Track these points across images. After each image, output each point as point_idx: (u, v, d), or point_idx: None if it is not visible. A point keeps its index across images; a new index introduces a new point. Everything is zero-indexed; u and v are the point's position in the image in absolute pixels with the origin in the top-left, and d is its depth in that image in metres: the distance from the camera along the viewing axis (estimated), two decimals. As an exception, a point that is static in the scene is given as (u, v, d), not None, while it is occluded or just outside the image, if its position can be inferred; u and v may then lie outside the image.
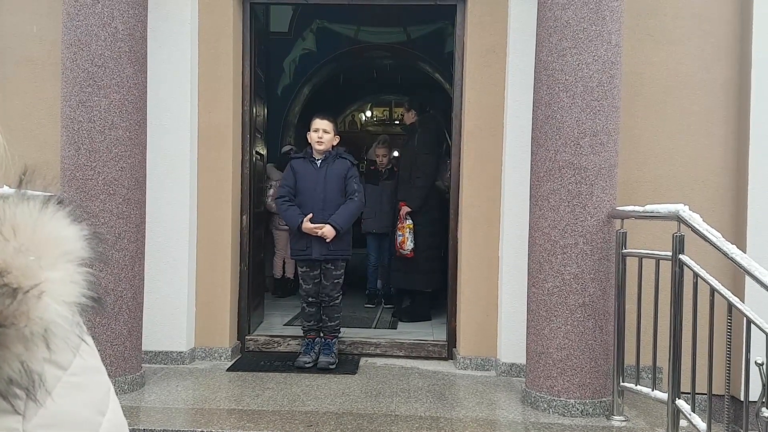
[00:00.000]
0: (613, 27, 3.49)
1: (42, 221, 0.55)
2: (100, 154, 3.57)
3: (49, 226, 0.55)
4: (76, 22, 3.58)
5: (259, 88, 5.05)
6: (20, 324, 0.50)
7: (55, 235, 0.55)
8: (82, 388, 0.57)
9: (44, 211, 0.56)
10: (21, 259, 0.51)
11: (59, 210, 0.57)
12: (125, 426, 0.63)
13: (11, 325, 0.49)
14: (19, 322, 0.50)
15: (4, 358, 0.49)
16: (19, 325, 0.50)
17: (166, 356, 4.32)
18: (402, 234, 5.53)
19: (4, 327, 0.49)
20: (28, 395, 0.50)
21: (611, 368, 3.50)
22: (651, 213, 3.28)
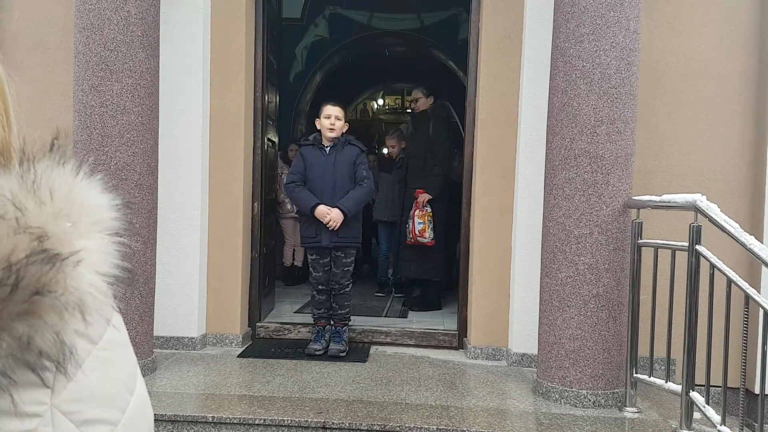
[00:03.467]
0: (631, 13, 3.43)
1: (77, 187, 0.53)
2: (112, 139, 3.56)
3: (83, 192, 0.53)
4: (89, 6, 3.56)
5: (271, 75, 5.02)
6: (57, 292, 0.47)
7: (88, 202, 0.53)
8: (111, 363, 0.55)
9: (79, 177, 0.54)
10: (59, 225, 0.49)
11: (91, 177, 0.55)
12: (150, 405, 0.61)
13: (48, 293, 0.47)
14: (56, 290, 0.47)
15: (36, 328, 0.46)
16: (57, 293, 0.47)
17: (177, 342, 4.33)
18: (423, 222, 5.44)
19: (39, 294, 0.46)
20: (58, 368, 0.48)
21: (624, 359, 3.47)
22: (668, 203, 3.23)
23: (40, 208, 0.49)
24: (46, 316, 0.47)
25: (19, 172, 0.51)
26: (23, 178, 0.50)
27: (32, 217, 0.48)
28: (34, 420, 0.48)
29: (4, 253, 0.46)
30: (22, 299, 0.46)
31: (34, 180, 0.50)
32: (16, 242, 0.46)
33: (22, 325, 0.46)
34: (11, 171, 0.51)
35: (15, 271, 0.45)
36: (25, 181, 0.50)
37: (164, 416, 3.17)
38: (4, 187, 0.49)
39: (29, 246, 0.47)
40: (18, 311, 0.45)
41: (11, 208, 0.48)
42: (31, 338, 0.46)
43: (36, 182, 0.50)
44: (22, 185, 0.50)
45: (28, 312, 0.46)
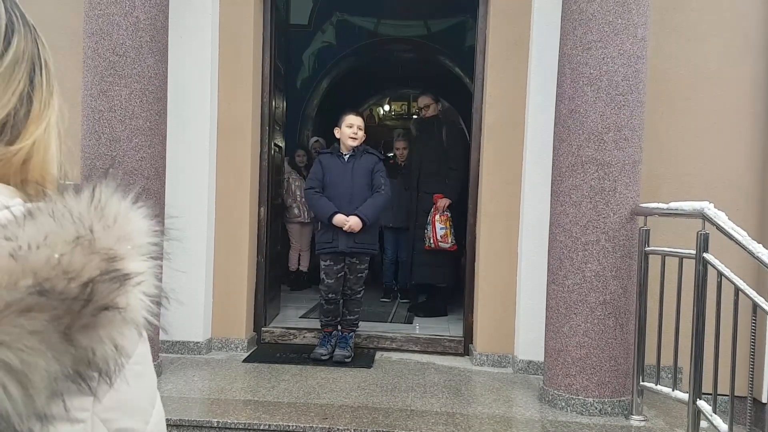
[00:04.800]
0: (639, 20, 3.43)
1: (131, 213, 0.58)
2: (121, 144, 3.58)
3: (135, 218, 0.58)
4: (98, 12, 3.58)
5: (278, 81, 5.04)
6: (120, 308, 0.52)
7: (139, 228, 0.57)
8: (142, 376, 0.60)
9: (131, 202, 0.59)
10: (122, 247, 0.54)
11: (140, 205, 0.60)
12: (164, 420, 0.66)
13: (114, 308, 0.51)
14: (121, 305, 0.52)
15: (99, 339, 0.51)
16: (122, 309, 0.52)
17: (183, 346, 4.33)
18: (444, 227, 5.42)
19: (108, 309, 0.51)
20: (102, 377, 0.52)
21: (631, 367, 3.45)
22: (675, 210, 3.22)
23: (107, 232, 0.54)
24: (109, 329, 0.51)
25: (90, 197, 0.56)
26: (93, 202, 0.55)
27: (101, 239, 0.53)
28: (79, 425, 0.54)
29: (82, 270, 0.50)
30: (90, 313, 0.50)
31: (100, 205, 0.55)
32: (91, 261, 0.51)
33: (86, 336, 0.50)
34: (81, 196, 0.56)
35: (90, 287, 0.50)
36: (93, 205, 0.55)
37: (169, 421, 3.17)
38: (75, 210, 0.54)
39: (100, 265, 0.51)
40: (85, 323, 0.50)
41: (85, 231, 0.52)
42: (95, 348, 0.51)
43: (102, 207, 0.55)
44: (89, 209, 0.55)
45: (92, 324, 0.50)
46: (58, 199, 0.54)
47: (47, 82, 0.68)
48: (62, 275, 0.49)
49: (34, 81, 0.66)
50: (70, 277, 0.49)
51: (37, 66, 0.66)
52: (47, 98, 0.67)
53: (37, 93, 0.66)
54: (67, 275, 0.49)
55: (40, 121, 0.66)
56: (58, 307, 0.48)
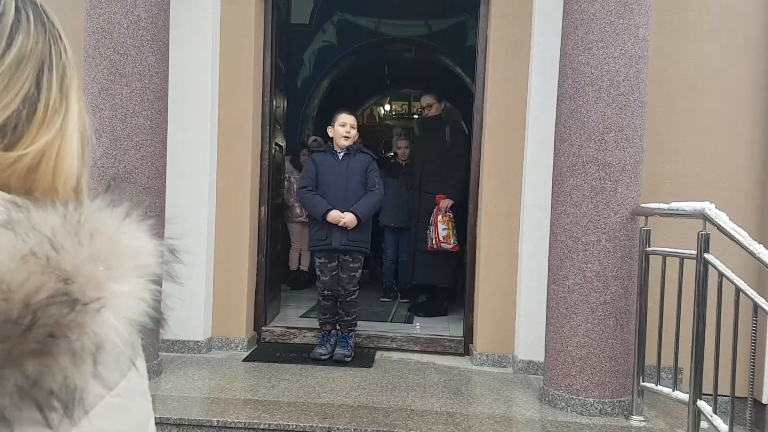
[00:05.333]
0: (640, 20, 3.42)
1: (122, 231, 0.53)
2: (121, 143, 3.57)
3: (128, 236, 0.53)
4: (99, 10, 3.58)
5: (279, 80, 5.04)
6: (72, 336, 0.47)
7: (133, 246, 0.53)
8: (123, 411, 0.54)
9: (126, 220, 0.54)
10: (90, 268, 0.49)
11: (142, 221, 0.55)
12: None
13: (63, 336, 0.47)
14: (72, 334, 0.47)
15: (48, 368, 0.46)
16: (71, 337, 0.47)
17: (183, 345, 4.33)
18: (447, 228, 5.40)
19: (55, 337, 0.46)
20: (65, 411, 0.48)
21: (631, 367, 3.45)
22: (676, 211, 3.22)
23: (77, 250, 0.49)
24: (59, 358, 0.47)
25: (65, 211, 0.51)
26: (67, 217, 0.51)
27: (67, 257, 0.48)
28: None
29: (27, 291, 0.46)
30: (35, 339, 0.45)
31: (78, 220, 0.51)
32: (42, 282, 0.46)
33: (34, 363, 0.46)
34: (57, 209, 0.51)
35: (32, 312, 0.45)
36: (68, 221, 0.50)
37: (169, 420, 3.17)
38: (46, 224, 0.49)
39: (53, 287, 0.47)
40: (30, 350, 0.45)
41: (47, 247, 0.48)
42: (41, 377, 0.46)
43: (80, 222, 0.51)
44: (65, 224, 0.50)
45: (41, 352, 0.46)
46: (33, 212, 0.50)
47: (59, 84, 0.63)
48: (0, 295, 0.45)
49: (41, 82, 0.61)
50: (9, 297, 0.45)
51: (46, 66, 0.62)
52: (57, 102, 0.62)
53: (43, 95, 0.61)
54: (5, 295, 0.45)
55: (48, 126, 0.61)
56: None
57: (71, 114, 0.64)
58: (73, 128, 0.64)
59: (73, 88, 0.65)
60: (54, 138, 0.61)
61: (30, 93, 0.60)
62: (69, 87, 0.64)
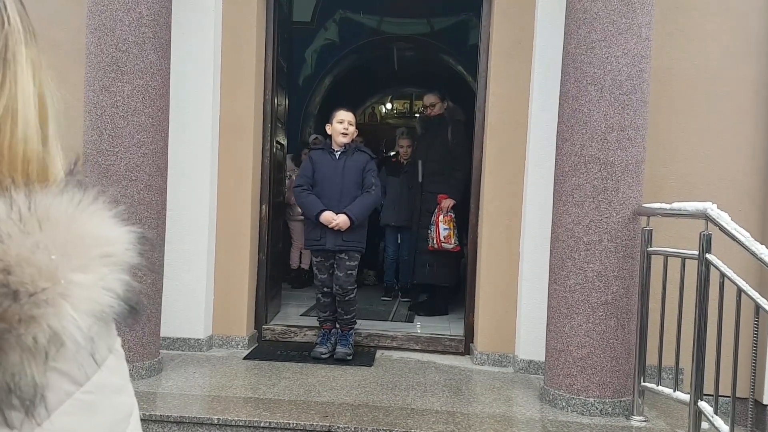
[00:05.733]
0: (643, 20, 3.42)
1: (80, 218, 0.49)
2: (123, 140, 3.57)
3: (88, 224, 0.50)
4: (101, 7, 3.58)
5: (281, 78, 5.03)
6: (20, 330, 0.44)
7: (93, 234, 0.49)
8: (95, 408, 0.51)
9: (85, 206, 0.50)
10: (40, 257, 0.46)
11: (105, 207, 0.52)
12: None
13: (9, 330, 0.44)
14: (20, 327, 0.44)
15: (1, 365, 0.44)
16: (19, 330, 0.44)
17: (183, 343, 4.33)
18: (448, 228, 5.39)
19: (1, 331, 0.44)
20: (26, 410, 0.45)
21: (632, 368, 3.45)
22: (678, 211, 3.22)
23: (22, 239, 0.46)
24: (10, 354, 0.44)
25: (10, 198, 0.48)
26: (13, 205, 0.47)
27: (12, 246, 0.45)
28: None
29: None
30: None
31: (29, 207, 0.47)
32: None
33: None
34: (4, 196, 0.48)
35: None
36: (14, 209, 0.47)
37: (170, 417, 3.17)
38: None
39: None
40: None
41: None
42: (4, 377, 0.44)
43: (30, 210, 0.47)
44: (11, 212, 0.47)
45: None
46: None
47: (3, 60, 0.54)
48: None
49: None
50: None
51: None
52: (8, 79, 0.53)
53: None
54: None
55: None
56: None
57: (19, 89, 0.54)
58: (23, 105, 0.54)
59: (18, 61, 0.55)
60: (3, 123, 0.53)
61: None
62: (11, 59, 0.55)
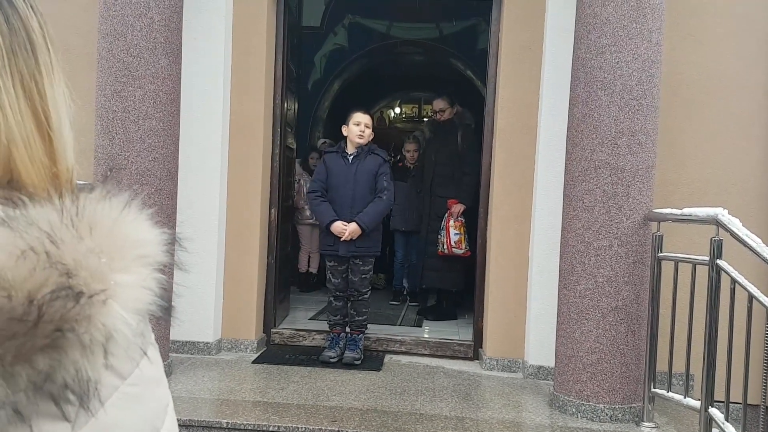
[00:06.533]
0: (654, 25, 3.41)
1: (122, 222, 0.52)
2: (134, 144, 3.59)
3: (128, 227, 0.53)
4: (113, 12, 3.60)
5: (290, 83, 5.05)
6: (80, 329, 0.47)
7: (133, 237, 0.52)
8: (138, 399, 0.54)
9: (125, 211, 0.53)
10: (92, 261, 0.49)
11: (141, 211, 0.55)
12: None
13: (71, 330, 0.46)
14: (80, 327, 0.47)
15: (60, 362, 0.46)
16: (79, 330, 0.47)
17: (193, 346, 4.34)
18: (458, 233, 5.37)
19: (62, 331, 0.46)
20: (81, 403, 0.48)
21: (642, 374, 3.43)
22: (689, 216, 3.20)
23: (76, 243, 0.49)
24: (69, 352, 0.47)
25: (62, 205, 0.50)
26: (64, 211, 0.50)
27: (67, 251, 0.48)
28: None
29: (29, 287, 0.45)
30: (43, 335, 0.45)
31: (77, 214, 0.50)
32: (44, 277, 0.46)
33: (44, 358, 0.46)
34: (54, 203, 0.50)
35: (37, 307, 0.45)
36: (65, 215, 0.50)
37: (179, 421, 3.18)
38: (43, 219, 0.48)
39: (56, 281, 0.46)
40: (40, 345, 0.45)
41: (46, 242, 0.47)
42: (52, 371, 0.46)
43: (78, 216, 0.50)
44: (63, 219, 0.49)
45: (51, 346, 0.46)
46: (29, 206, 0.49)
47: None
48: (1, 292, 0.44)
49: None
50: (11, 294, 0.44)
51: None
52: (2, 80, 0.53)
53: None
54: (6, 292, 0.44)
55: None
56: (3, 328, 0.44)
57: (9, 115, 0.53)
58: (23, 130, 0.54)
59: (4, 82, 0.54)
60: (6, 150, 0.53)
61: None
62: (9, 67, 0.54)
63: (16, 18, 0.55)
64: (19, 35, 0.55)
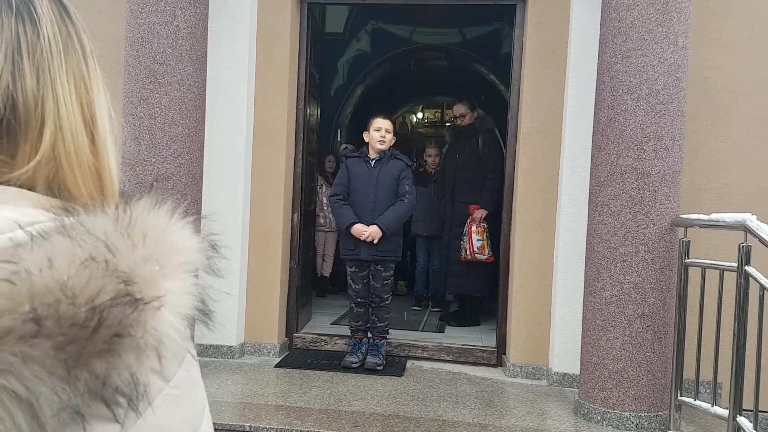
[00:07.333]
0: (680, 29, 3.37)
1: (170, 230, 0.55)
2: (160, 150, 3.64)
3: (175, 235, 0.55)
4: (139, 20, 3.66)
5: (313, 88, 5.08)
6: (136, 334, 0.49)
7: (179, 244, 0.54)
8: (181, 401, 0.56)
9: (172, 220, 0.56)
10: (147, 268, 0.50)
11: (184, 220, 0.57)
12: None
13: (128, 335, 0.48)
14: (136, 332, 0.49)
15: (114, 366, 0.48)
16: (136, 335, 0.49)
17: (216, 350, 4.37)
18: (481, 238, 5.35)
19: (120, 336, 0.48)
20: (130, 405, 0.49)
21: (669, 382, 3.38)
22: (716, 222, 3.15)
23: (131, 251, 0.50)
24: (124, 356, 0.48)
25: (115, 214, 0.52)
26: (118, 220, 0.52)
27: (122, 259, 0.50)
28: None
29: (90, 294, 0.47)
30: (102, 340, 0.47)
31: (129, 223, 0.52)
32: (103, 284, 0.48)
33: (101, 363, 0.47)
34: (107, 212, 0.52)
35: (98, 313, 0.47)
36: (119, 224, 0.52)
37: (203, 424, 3.20)
38: (99, 228, 0.50)
39: (115, 288, 0.48)
40: (98, 350, 0.47)
41: (103, 250, 0.49)
42: (108, 376, 0.48)
43: (131, 225, 0.52)
44: (117, 227, 0.51)
45: (109, 351, 0.48)
46: (84, 216, 0.51)
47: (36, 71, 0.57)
48: (65, 300, 0.46)
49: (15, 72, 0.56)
50: (74, 302, 0.46)
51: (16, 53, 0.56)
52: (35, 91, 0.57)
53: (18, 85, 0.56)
54: (71, 300, 0.46)
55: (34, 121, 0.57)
56: (66, 334, 0.45)
57: (61, 105, 0.58)
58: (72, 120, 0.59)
59: (58, 75, 0.59)
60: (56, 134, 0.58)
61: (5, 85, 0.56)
62: (53, 74, 0.58)
63: (71, 26, 0.62)
64: (73, 41, 0.61)
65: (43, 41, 0.58)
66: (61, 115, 0.58)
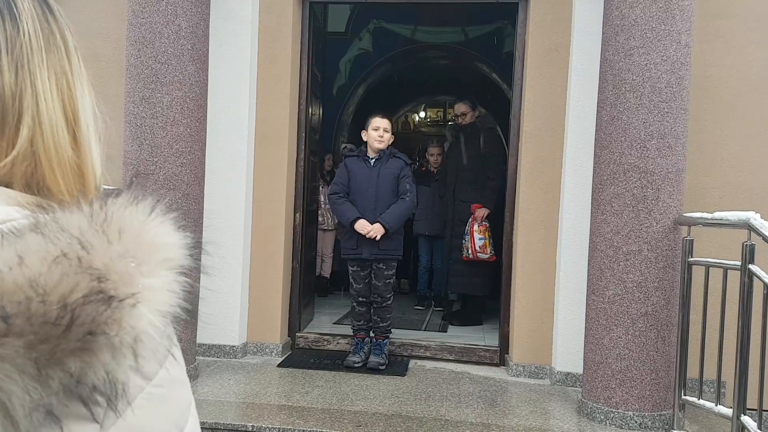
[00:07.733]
0: (683, 26, 3.36)
1: (148, 226, 0.53)
2: (162, 150, 3.63)
3: (154, 231, 0.54)
4: (141, 20, 3.65)
5: (315, 88, 5.07)
6: (111, 332, 0.48)
7: (159, 241, 0.53)
8: (163, 400, 0.55)
9: (151, 215, 0.54)
10: (122, 265, 0.49)
11: (165, 216, 0.56)
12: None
13: (102, 333, 0.47)
14: (110, 330, 0.48)
15: (90, 365, 0.47)
16: (110, 333, 0.48)
17: (219, 350, 4.37)
18: (483, 237, 5.34)
19: (94, 334, 0.47)
20: (109, 404, 0.48)
21: (672, 381, 3.37)
22: (720, 220, 3.14)
23: (106, 248, 0.49)
24: (99, 354, 0.47)
25: (91, 210, 0.51)
26: (93, 216, 0.51)
27: (97, 256, 0.48)
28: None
29: (62, 292, 0.46)
30: (75, 338, 0.46)
31: (105, 219, 0.51)
32: (76, 282, 0.47)
33: (75, 361, 0.46)
34: (83, 209, 0.51)
35: (70, 311, 0.46)
36: (95, 220, 0.50)
37: (205, 423, 3.20)
38: (73, 225, 0.49)
39: (87, 286, 0.47)
40: (71, 348, 0.46)
41: (77, 247, 0.48)
42: (83, 374, 0.47)
43: (107, 221, 0.51)
44: (92, 224, 0.50)
45: (82, 349, 0.47)
46: (59, 212, 0.50)
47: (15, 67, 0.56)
48: (36, 298, 0.45)
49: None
50: (45, 299, 0.45)
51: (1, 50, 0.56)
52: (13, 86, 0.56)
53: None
54: (42, 297, 0.45)
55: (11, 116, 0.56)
56: (37, 332, 0.44)
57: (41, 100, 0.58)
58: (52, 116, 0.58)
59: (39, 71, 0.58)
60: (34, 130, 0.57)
61: None
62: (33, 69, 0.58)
63: (53, 22, 0.60)
64: (55, 37, 0.60)
65: (23, 36, 0.57)
66: (41, 110, 0.57)
